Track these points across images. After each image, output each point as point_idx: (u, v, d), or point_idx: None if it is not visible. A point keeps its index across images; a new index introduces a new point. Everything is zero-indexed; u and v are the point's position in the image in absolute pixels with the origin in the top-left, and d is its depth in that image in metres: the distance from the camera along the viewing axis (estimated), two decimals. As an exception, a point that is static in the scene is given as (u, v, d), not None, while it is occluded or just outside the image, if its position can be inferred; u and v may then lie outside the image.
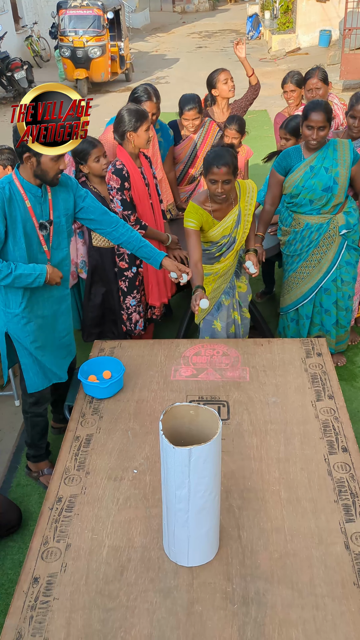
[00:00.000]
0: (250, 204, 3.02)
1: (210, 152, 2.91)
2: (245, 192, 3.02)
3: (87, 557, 1.97)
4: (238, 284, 3.21)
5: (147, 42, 19.80)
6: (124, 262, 3.47)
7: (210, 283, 3.16)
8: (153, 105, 3.54)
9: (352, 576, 1.88)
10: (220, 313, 3.21)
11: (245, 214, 3.01)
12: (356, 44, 11.30)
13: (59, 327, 2.77)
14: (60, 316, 2.77)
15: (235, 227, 3.01)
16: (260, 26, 19.31)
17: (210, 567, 1.93)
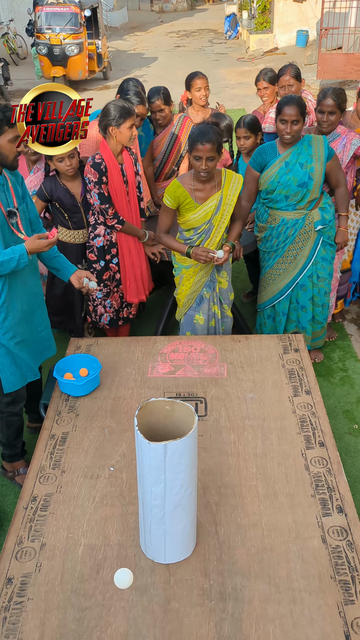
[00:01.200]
0: (234, 194, 3.00)
1: (195, 129, 2.91)
2: (230, 180, 3.00)
3: (63, 556, 1.94)
4: (219, 278, 3.20)
5: (125, 40, 19.73)
6: (92, 255, 3.50)
7: (191, 276, 3.15)
8: (144, 110, 3.55)
9: (329, 570, 1.88)
10: (202, 306, 3.21)
11: (227, 203, 3.00)
12: (333, 44, 11.40)
13: (35, 321, 2.75)
14: (37, 309, 2.75)
15: (214, 212, 3.00)
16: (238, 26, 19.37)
17: (187, 563, 1.91)
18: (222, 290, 3.24)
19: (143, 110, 3.59)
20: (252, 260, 4.26)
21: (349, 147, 3.48)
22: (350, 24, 11.09)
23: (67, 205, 3.39)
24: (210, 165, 2.85)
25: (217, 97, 11.61)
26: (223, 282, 3.22)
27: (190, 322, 3.24)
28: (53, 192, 3.36)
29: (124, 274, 3.50)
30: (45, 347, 2.87)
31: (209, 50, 17.58)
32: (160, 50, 17.46)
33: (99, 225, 3.42)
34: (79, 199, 3.39)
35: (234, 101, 11.03)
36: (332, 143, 3.47)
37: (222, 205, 2.99)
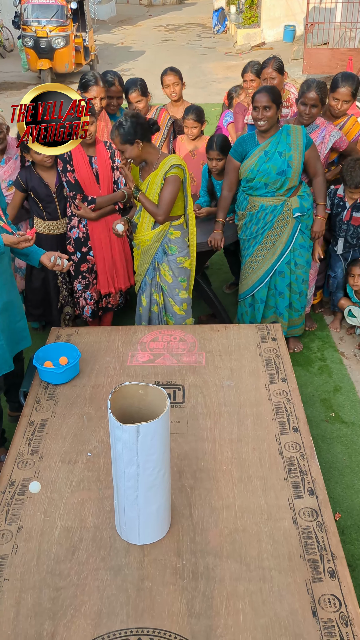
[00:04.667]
0: (161, 177, 3.01)
1: None
2: (164, 164, 3.01)
3: (39, 539, 1.98)
4: (161, 269, 3.25)
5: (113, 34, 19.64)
6: (70, 246, 3.55)
7: (137, 257, 3.29)
8: (101, 90, 3.55)
9: (298, 549, 1.93)
10: (145, 289, 3.32)
11: (154, 182, 3.04)
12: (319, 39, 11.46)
13: (14, 311, 2.76)
14: (15, 300, 2.76)
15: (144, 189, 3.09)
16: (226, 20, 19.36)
17: (161, 544, 1.96)
18: (167, 283, 3.28)
19: (100, 92, 3.56)
20: (233, 252, 4.31)
21: (327, 138, 3.53)
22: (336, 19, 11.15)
23: (42, 195, 3.42)
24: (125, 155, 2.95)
25: (204, 92, 11.64)
26: (166, 275, 3.26)
27: (139, 301, 3.40)
28: (28, 181, 3.39)
29: (97, 265, 3.55)
30: (21, 338, 2.89)
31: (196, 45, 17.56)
32: (148, 44, 17.41)
33: (75, 216, 3.45)
34: (52, 188, 3.42)
35: (220, 95, 11.03)
36: (312, 134, 3.52)
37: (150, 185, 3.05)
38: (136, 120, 2.91)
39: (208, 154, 3.75)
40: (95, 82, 3.50)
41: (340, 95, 3.56)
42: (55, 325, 3.57)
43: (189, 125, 3.89)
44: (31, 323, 4.01)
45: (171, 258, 3.22)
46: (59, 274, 3.61)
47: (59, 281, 3.62)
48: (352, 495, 2.85)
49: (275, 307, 3.65)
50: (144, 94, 3.85)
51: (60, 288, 3.65)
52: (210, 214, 3.80)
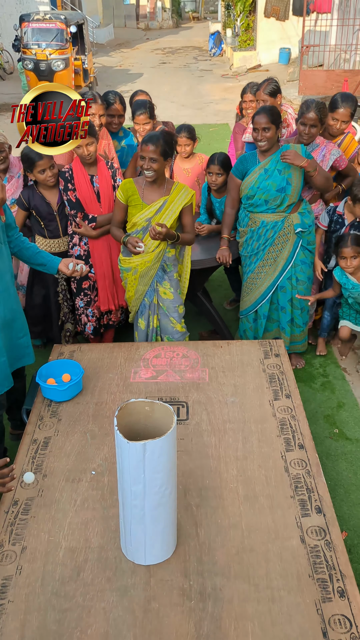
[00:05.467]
0: (180, 204, 3.09)
1: (149, 133, 3.05)
2: (180, 191, 3.11)
3: (43, 559, 1.95)
4: (161, 289, 3.25)
5: (111, 57, 19.95)
6: None
7: (133, 282, 3.25)
8: (99, 107, 3.59)
9: (307, 569, 1.90)
10: (144, 312, 3.31)
11: (170, 209, 3.09)
12: (314, 61, 11.65)
13: (16, 327, 2.75)
14: (18, 317, 2.76)
15: (155, 213, 3.10)
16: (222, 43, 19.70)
17: (168, 564, 1.92)
18: (166, 301, 3.28)
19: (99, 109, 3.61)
20: (233, 268, 4.32)
21: (328, 157, 3.57)
22: (331, 42, 11.35)
23: (44, 214, 3.43)
24: (153, 165, 2.97)
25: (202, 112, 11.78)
26: (167, 292, 3.27)
27: (136, 324, 3.38)
28: (30, 200, 3.41)
29: (97, 282, 3.57)
30: (23, 354, 2.87)
31: (193, 67, 17.84)
32: (145, 67, 17.68)
33: (76, 234, 3.47)
34: (54, 207, 3.44)
35: (217, 116, 11.20)
36: (312, 153, 3.56)
37: (164, 209, 3.09)
38: (173, 139, 3.03)
39: (209, 168, 3.78)
40: (93, 100, 3.54)
41: (339, 115, 3.61)
42: (56, 342, 3.56)
43: (182, 143, 3.93)
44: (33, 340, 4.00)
45: (170, 275, 3.24)
46: (60, 291, 3.61)
47: (60, 298, 3.62)
48: (358, 513, 2.82)
49: (278, 321, 3.65)
50: (151, 116, 3.89)
51: (62, 305, 3.64)
52: (211, 232, 3.81)
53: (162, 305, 3.28)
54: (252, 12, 16.74)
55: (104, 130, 3.74)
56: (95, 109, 3.57)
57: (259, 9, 15.64)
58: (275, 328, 3.69)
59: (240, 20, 17.21)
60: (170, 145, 3.02)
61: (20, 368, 2.96)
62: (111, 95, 3.83)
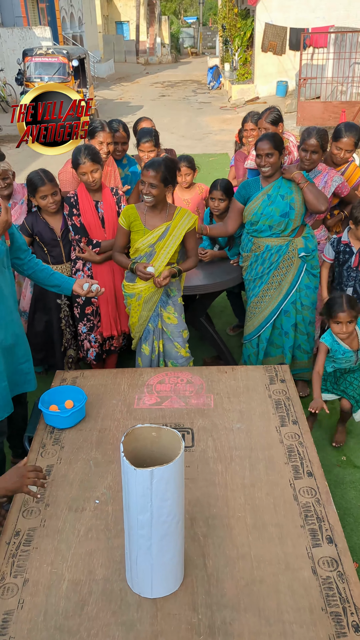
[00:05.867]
0: (183, 229, 3.10)
1: (152, 159, 3.06)
2: (182, 216, 3.12)
3: (46, 592, 1.88)
4: (165, 314, 3.24)
5: (112, 90, 20.37)
6: None
7: (137, 308, 3.23)
8: (107, 135, 3.61)
9: (319, 601, 1.83)
10: (148, 338, 3.29)
11: (173, 234, 3.09)
12: (311, 93, 11.89)
13: (18, 353, 2.72)
14: (21, 342, 2.73)
15: (159, 239, 3.09)
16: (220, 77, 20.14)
17: (175, 597, 1.85)
18: (170, 326, 3.26)
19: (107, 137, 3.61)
20: (236, 294, 4.32)
21: (330, 183, 3.59)
22: (327, 75, 11.59)
23: (47, 239, 3.44)
24: (152, 191, 2.97)
25: (201, 143, 11.97)
26: (171, 317, 3.25)
27: (139, 350, 3.35)
28: (34, 226, 3.42)
29: (100, 308, 3.55)
30: (25, 381, 2.83)
31: (192, 100, 18.21)
32: (145, 99, 18.05)
33: (79, 260, 3.46)
34: (58, 233, 3.45)
35: (217, 146, 11.37)
36: (314, 179, 3.58)
37: (168, 235, 3.09)
38: (176, 167, 3.03)
39: (211, 194, 3.81)
40: (101, 128, 3.57)
41: (343, 144, 3.64)
42: (58, 369, 3.52)
43: (182, 172, 3.95)
44: (34, 367, 3.96)
45: (174, 300, 3.23)
46: (63, 317, 3.59)
47: (62, 324, 3.60)
48: (368, 543, 2.74)
49: (282, 347, 3.62)
50: (156, 144, 3.93)
51: (64, 331, 3.62)
52: (214, 257, 3.81)
53: (166, 330, 3.26)
54: (249, 46, 17.17)
55: (110, 158, 3.77)
56: (103, 137, 3.58)
57: (257, 44, 16.05)
58: (279, 354, 3.65)
59: (238, 55, 17.64)
60: (172, 173, 3.02)
61: (21, 395, 2.91)
62: (115, 123, 3.88)
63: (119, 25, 34.72)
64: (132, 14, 32.98)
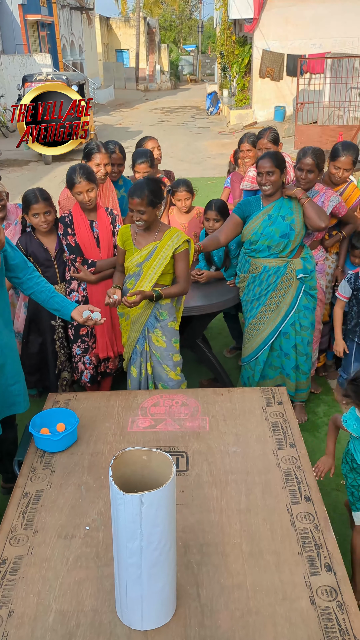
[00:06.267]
0: (170, 249, 3.04)
1: (134, 183, 3.02)
2: (172, 236, 3.07)
3: (32, 624, 1.79)
4: (153, 336, 3.19)
5: (112, 116, 20.66)
6: None
7: (126, 328, 3.23)
8: (104, 157, 3.56)
9: (318, 634, 1.75)
10: (135, 360, 3.25)
11: (161, 255, 3.04)
12: (309, 118, 12.03)
13: (7, 374, 2.66)
14: (8, 360, 2.67)
15: (146, 259, 3.06)
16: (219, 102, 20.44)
17: (167, 629, 1.77)
18: (160, 350, 3.21)
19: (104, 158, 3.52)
20: (233, 316, 4.27)
21: (327, 203, 3.57)
22: (324, 99, 11.75)
23: (41, 260, 3.41)
24: (142, 217, 2.98)
25: (200, 167, 12.07)
26: (159, 341, 3.19)
27: (129, 372, 3.31)
28: (28, 246, 3.40)
29: (95, 328, 3.48)
30: (13, 403, 2.76)
31: (191, 125, 18.45)
32: (145, 125, 18.28)
33: (74, 280, 3.43)
34: (52, 253, 3.42)
35: (215, 170, 11.45)
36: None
37: (155, 255, 3.05)
38: (160, 185, 3.01)
39: (206, 214, 3.79)
40: (97, 150, 3.55)
41: (341, 163, 3.63)
42: (52, 391, 3.46)
43: (181, 197, 3.92)
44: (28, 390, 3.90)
45: (163, 324, 3.17)
46: (57, 338, 3.54)
47: (57, 346, 3.55)
48: (369, 571, 2.65)
49: (281, 368, 3.57)
50: (151, 165, 3.93)
51: (58, 353, 3.57)
52: (211, 279, 3.78)
53: (154, 352, 3.21)
54: (247, 73, 17.45)
55: (108, 180, 3.75)
56: (100, 159, 3.52)
57: (254, 71, 16.31)
58: (277, 375, 3.59)
59: (237, 81, 17.92)
60: (157, 193, 2.96)
61: (11, 417, 2.85)
62: (111, 145, 3.88)
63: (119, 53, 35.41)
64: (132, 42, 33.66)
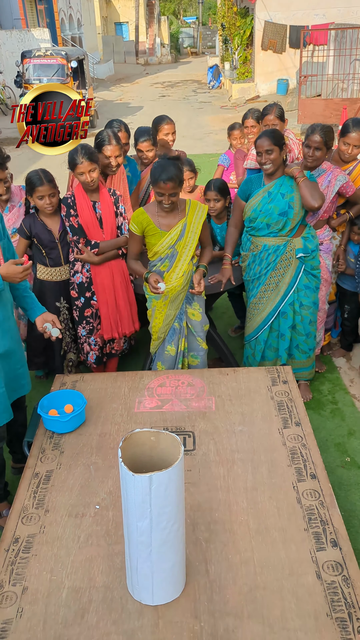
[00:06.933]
0: (198, 222, 3.06)
1: (157, 165, 2.94)
2: (195, 209, 3.07)
3: (45, 601, 1.84)
4: (190, 310, 3.21)
5: (112, 91, 20.37)
6: (74, 291, 3.51)
7: (162, 309, 3.17)
8: (115, 149, 3.44)
9: (324, 607, 1.79)
10: (174, 338, 3.23)
11: (191, 230, 3.05)
12: (312, 91, 11.84)
13: (14, 359, 2.69)
14: (17, 348, 2.70)
15: (178, 238, 3.04)
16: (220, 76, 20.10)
17: (177, 604, 1.82)
18: (194, 322, 3.24)
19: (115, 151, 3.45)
20: (237, 295, 4.28)
21: (334, 182, 3.54)
22: (328, 72, 11.54)
23: (45, 241, 3.40)
24: (174, 199, 2.94)
25: (202, 143, 11.94)
26: (196, 313, 3.23)
27: (162, 352, 3.28)
28: (32, 228, 3.39)
29: (100, 310, 3.51)
30: (20, 385, 2.80)
31: (192, 99, 18.17)
32: (145, 100, 18.02)
33: (78, 261, 3.43)
34: (56, 235, 3.41)
35: (217, 146, 11.32)
36: (318, 178, 3.53)
37: (186, 232, 3.04)
38: (181, 163, 2.99)
39: (206, 195, 3.77)
40: (108, 142, 3.40)
41: (351, 140, 3.58)
42: (58, 373, 3.49)
43: (185, 177, 3.88)
44: (35, 371, 3.93)
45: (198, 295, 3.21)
46: (63, 320, 3.56)
47: (62, 328, 3.57)
48: (373, 545, 2.70)
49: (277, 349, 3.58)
50: (154, 143, 3.89)
51: (64, 335, 3.59)
52: (215, 258, 3.78)
53: (190, 326, 3.23)
54: (249, 45, 17.13)
55: (121, 170, 3.66)
56: (111, 152, 3.42)
57: (256, 43, 16.01)
58: (275, 357, 3.60)
59: (238, 54, 17.59)
60: (182, 172, 2.98)
61: (20, 399, 2.89)
62: (116, 124, 3.82)
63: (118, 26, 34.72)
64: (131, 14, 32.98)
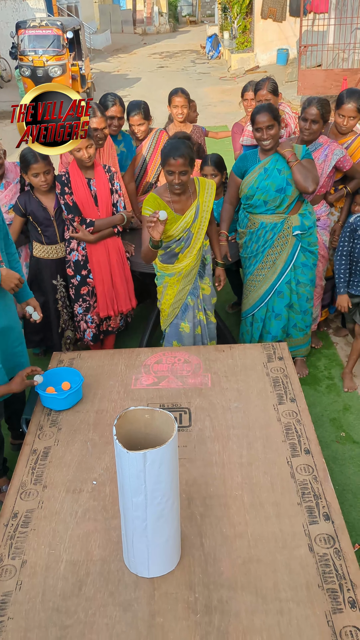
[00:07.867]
0: (209, 200, 3.03)
1: (167, 144, 2.91)
2: (205, 188, 3.04)
3: (44, 574, 1.89)
4: (202, 285, 3.21)
5: (109, 62, 19.99)
6: (70, 269, 3.50)
7: (174, 284, 3.15)
8: (101, 121, 3.45)
9: (316, 579, 1.84)
10: (187, 314, 3.22)
11: (204, 210, 3.03)
12: (312, 61, 11.61)
13: (12, 336, 2.70)
14: (15, 325, 2.71)
15: (193, 221, 3.02)
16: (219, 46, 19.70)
17: (172, 577, 1.87)
18: (205, 297, 3.25)
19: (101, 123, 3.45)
20: (234, 272, 4.27)
21: (330, 157, 3.50)
22: (329, 41, 11.31)
23: (40, 219, 3.39)
24: (184, 178, 2.88)
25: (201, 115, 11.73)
26: (206, 288, 3.24)
27: (176, 331, 3.24)
28: (27, 205, 3.37)
29: (96, 288, 3.50)
30: (18, 363, 2.82)
31: (191, 70, 17.85)
32: (143, 71, 17.70)
33: (73, 239, 3.42)
34: (51, 212, 3.40)
35: (216, 118, 11.17)
36: (315, 153, 3.49)
37: (200, 212, 3.02)
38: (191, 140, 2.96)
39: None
40: (93, 114, 3.39)
41: (345, 111, 3.53)
42: (56, 350, 3.51)
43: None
44: (32, 349, 3.95)
45: (208, 267, 3.22)
46: (59, 298, 3.57)
47: (59, 305, 3.57)
48: (367, 518, 2.76)
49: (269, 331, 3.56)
50: (146, 117, 3.85)
51: (61, 312, 3.60)
52: None
53: (203, 301, 3.25)
54: (248, 14, 16.74)
55: (110, 144, 3.65)
56: (97, 123, 3.41)
57: (256, 11, 15.64)
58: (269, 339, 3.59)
59: (237, 23, 17.22)
60: (192, 150, 2.90)
61: (17, 376, 2.91)
62: (110, 97, 3.77)
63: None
64: (128, -18, 32.12)
